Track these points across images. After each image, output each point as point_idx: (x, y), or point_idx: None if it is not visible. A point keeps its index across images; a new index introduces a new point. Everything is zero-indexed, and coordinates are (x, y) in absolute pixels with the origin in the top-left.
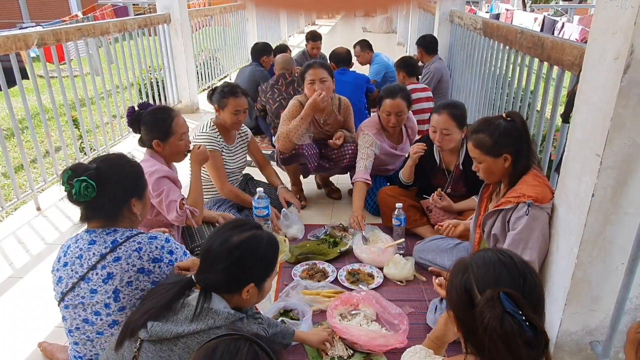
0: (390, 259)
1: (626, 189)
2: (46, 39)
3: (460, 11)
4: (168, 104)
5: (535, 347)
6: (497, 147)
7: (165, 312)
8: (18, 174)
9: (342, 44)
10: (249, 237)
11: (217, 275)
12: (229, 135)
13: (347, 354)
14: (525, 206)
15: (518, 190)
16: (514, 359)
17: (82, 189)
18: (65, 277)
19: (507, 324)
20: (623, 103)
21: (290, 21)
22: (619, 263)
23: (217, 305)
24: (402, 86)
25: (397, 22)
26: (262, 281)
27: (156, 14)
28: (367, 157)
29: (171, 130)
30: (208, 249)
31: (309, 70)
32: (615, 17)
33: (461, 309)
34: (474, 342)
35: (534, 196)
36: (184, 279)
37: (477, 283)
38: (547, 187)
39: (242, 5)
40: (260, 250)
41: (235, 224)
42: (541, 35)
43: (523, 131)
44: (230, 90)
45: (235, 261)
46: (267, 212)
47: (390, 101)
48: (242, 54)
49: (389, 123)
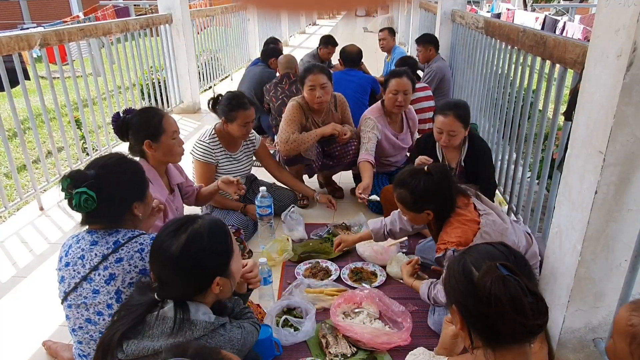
0: (393, 257)
1: (629, 186)
2: (49, 39)
3: (461, 10)
4: (170, 105)
5: (538, 313)
6: (418, 204)
7: (139, 327)
8: (21, 174)
9: (344, 43)
10: (188, 238)
11: (177, 286)
12: (233, 143)
13: (351, 351)
14: (451, 252)
15: (443, 238)
16: (522, 323)
17: (82, 201)
18: (68, 276)
19: (510, 284)
20: (626, 100)
21: (292, 21)
22: (622, 260)
23: (194, 315)
24: (406, 68)
25: (398, 22)
26: (225, 269)
27: (158, 14)
28: (369, 140)
29: (161, 128)
30: (154, 264)
31: (309, 75)
32: (618, 14)
33: (462, 293)
34: (479, 325)
35: (455, 241)
36: (148, 299)
37: (474, 264)
38: (469, 224)
39: (243, 6)
40: (205, 245)
41: (169, 229)
42: (543, 34)
43: (442, 184)
44: (238, 103)
45: (186, 268)
46: (270, 211)
47: (396, 80)
48: (244, 54)
49: (395, 102)
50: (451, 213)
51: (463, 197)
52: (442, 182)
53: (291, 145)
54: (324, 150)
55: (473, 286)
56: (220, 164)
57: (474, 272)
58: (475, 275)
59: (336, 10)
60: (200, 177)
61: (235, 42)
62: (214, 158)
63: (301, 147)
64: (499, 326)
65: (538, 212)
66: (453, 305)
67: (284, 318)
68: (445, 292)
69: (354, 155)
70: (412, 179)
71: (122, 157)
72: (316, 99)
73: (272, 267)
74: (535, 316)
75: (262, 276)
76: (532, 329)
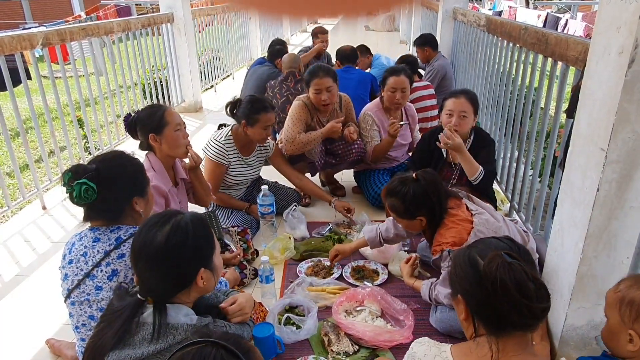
0: (394, 255)
1: (631, 183)
2: (51, 39)
3: (463, 8)
4: (172, 103)
5: (541, 297)
6: (410, 212)
7: (121, 336)
8: (23, 173)
9: (345, 42)
10: (172, 229)
11: (160, 282)
12: (248, 147)
13: (353, 349)
14: (446, 253)
15: (437, 240)
16: (527, 305)
17: (82, 192)
18: (71, 274)
19: (515, 268)
20: (628, 97)
21: (293, 20)
22: (624, 257)
23: (174, 319)
24: (404, 66)
25: (400, 21)
26: (209, 261)
27: (159, 13)
28: (372, 139)
29: (164, 121)
30: (136, 258)
31: (314, 79)
32: (619, 11)
33: (468, 281)
34: (484, 312)
35: (450, 242)
36: (132, 301)
37: (479, 254)
38: (462, 223)
39: (243, 8)
40: (190, 236)
41: (150, 223)
42: (545, 31)
43: (431, 191)
44: (261, 106)
45: (170, 261)
46: (272, 210)
47: (394, 78)
48: (245, 53)
49: (394, 99)
50: (444, 215)
51: (454, 199)
52: (431, 187)
53: (297, 146)
54: (326, 148)
55: (479, 273)
56: (232, 166)
57: (480, 261)
58: (481, 263)
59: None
60: (209, 174)
61: (237, 41)
62: (226, 160)
63: (306, 147)
64: (504, 311)
65: (540, 210)
66: (458, 296)
67: (286, 316)
68: (451, 283)
69: (356, 153)
70: (402, 187)
71: (121, 153)
72: (322, 102)
73: (274, 265)
74: (539, 299)
75: (264, 274)
76: (536, 313)
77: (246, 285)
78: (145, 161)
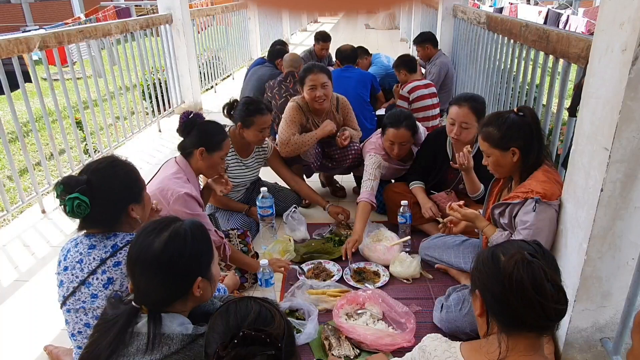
0: (395, 257)
1: (636, 182)
2: (48, 42)
3: (463, 6)
4: (171, 105)
5: (558, 299)
6: (505, 140)
7: (115, 348)
8: (23, 177)
9: (345, 41)
10: (171, 235)
11: (156, 290)
12: (246, 149)
13: (354, 353)
14: (532, 202)
15: (527, 185)
16: (541, 303)
17: (75, 207)
18: (66, 281)
19: (534, 266)
20: (632, 95)
21: (293, 19)
22: (629, 258)
23: (169, 328)
24: (408, 113)
25: (400, 18)
26: (207, 270)
27: (158, 14)
28: (374, 179)
29: (221, 146)
30: (132, 265)
31: (309, 75)
32: (622, 7)
33: (487, 275)
34: (499, 308)
35: (542, 192)
36: (126, 309)
37: (503, 252)
38: (556, 183)
39: (244, 5)
40: (189, 243)
41: (150, 228)
42: (546, 28)
43: (534, 126)
44: (256, 108)
45: (167, 268)
46: (272, 212)
47: (394, 131)
48: (245, 53)
49: (392, 152)
50: (540, 161)
51: (549, 162)
52: (533, 123)
53: (291, 148)
54: (323, 151)
55: (498, 269)
56: (230, 168)
57: (502, 257)
58: (502, 260)
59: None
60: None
61: (236, 41)
62: (225, 163)
63: (301, 149)
64: (518, 308)
65: None
66: (476, 291)
67: None
68: (472, 278)
69: (353, 159)
70: (500, 117)
71: (113, 160)
72: (317, 99)
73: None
74: (554, 300)
75: (263, 278)
76: (549, 314)
77: (246, 289)
78: (174, 164)
